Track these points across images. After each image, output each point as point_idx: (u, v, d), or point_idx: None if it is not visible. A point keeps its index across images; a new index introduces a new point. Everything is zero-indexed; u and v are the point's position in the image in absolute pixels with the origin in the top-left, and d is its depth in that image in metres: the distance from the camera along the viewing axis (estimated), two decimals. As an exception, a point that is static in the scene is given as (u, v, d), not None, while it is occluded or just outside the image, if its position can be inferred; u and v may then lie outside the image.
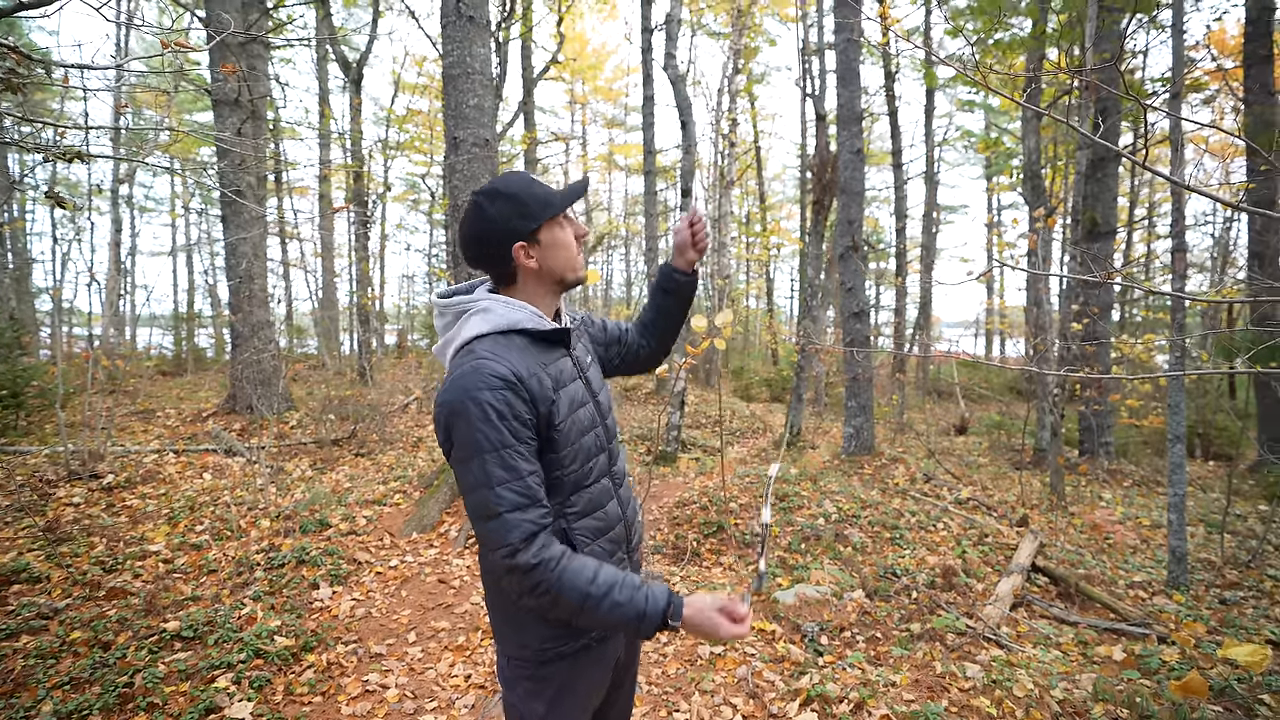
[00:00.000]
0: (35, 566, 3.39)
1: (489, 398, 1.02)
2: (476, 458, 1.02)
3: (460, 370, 1.06)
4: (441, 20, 4.74)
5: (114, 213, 12.00)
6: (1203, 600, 3.91)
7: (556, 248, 1.17)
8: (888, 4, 13.02)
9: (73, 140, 7.11)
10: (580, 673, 1.19)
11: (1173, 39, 4.41)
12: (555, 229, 1.17)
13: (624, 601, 1.03)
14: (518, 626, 1.16)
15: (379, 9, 12.23)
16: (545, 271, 1.18)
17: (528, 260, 1.15)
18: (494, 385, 1.03)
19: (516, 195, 1.14)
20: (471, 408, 1.02)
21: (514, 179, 1.16)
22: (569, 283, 1.22)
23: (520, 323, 1.13)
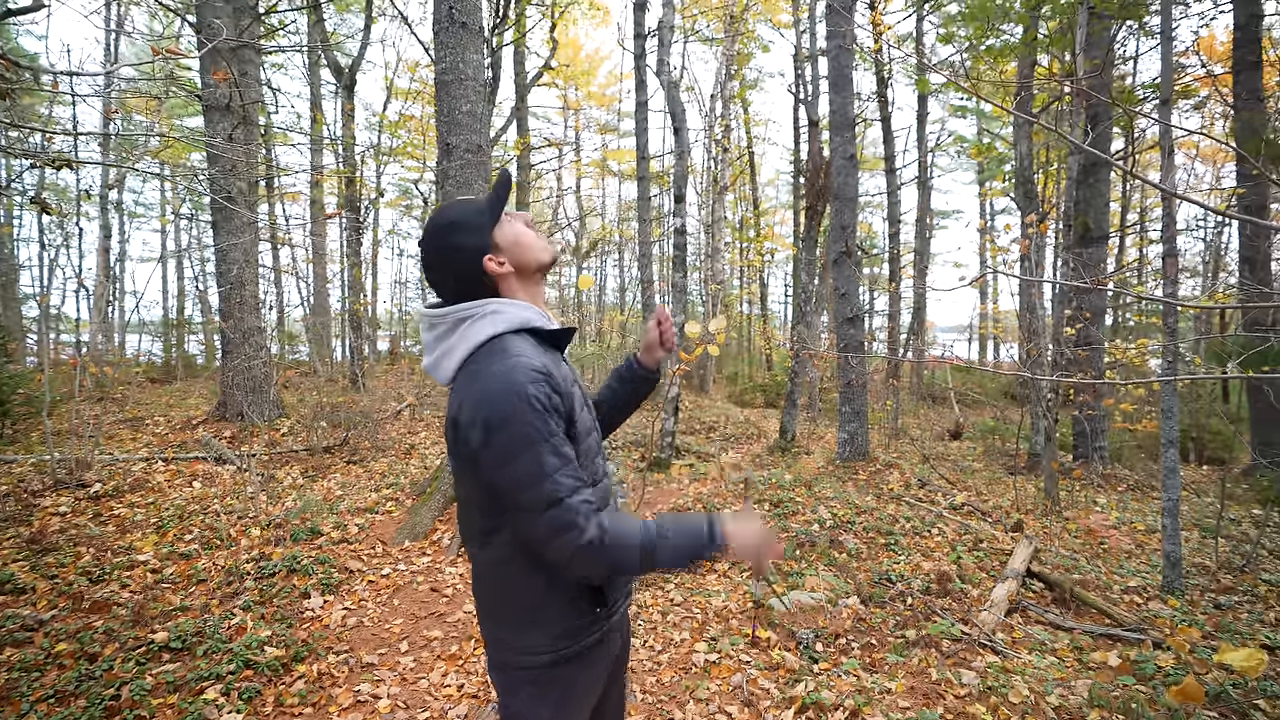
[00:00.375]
0: (20, 577, 3.33)
1: (534, 391, 1.03)
2: (529, 450, 1.01)
3: (496, 368, 1.05)
4: (434, 26, 4.73)
5: (103, 218, 11.91)
6: (1198, 605, 3.92)
7: (517, 242, 1.19)
8: (879, 11, 13.14)
9: (61, 145, 7.05)
10: (583, 671, 1.18)
11: (1162, 46, 4.45)
12: (504, 228, 1.18)
13: (679, 541, 1.07)
14: (521, 630, 1.14)
15: (371, 15, 12.23)
16: (520, 268, 1.20)
17: (500, 267, 1.17)
18: (535, 379, 1.04)
19: (460, 220, 1.16)
20: (519, 403, 1.02)
21: (445, 212, 1.18)
22: (545, 265, 1.23)
23: (531, 321, 1.15)
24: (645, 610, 3.40)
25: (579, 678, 1.18)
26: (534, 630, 1.14)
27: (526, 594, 1.14)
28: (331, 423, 7.16)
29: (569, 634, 1.14)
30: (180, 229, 19.55)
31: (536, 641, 1.14)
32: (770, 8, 16.46)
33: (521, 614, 1.14)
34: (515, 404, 1.01)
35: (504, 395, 1.02)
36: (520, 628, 1.15)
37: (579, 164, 22.32)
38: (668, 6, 8.66)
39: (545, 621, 1.14)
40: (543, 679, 1.15)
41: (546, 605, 1.14)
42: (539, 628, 1.14)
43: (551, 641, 1.14)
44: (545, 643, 1.14)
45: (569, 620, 1.14)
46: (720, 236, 13.26)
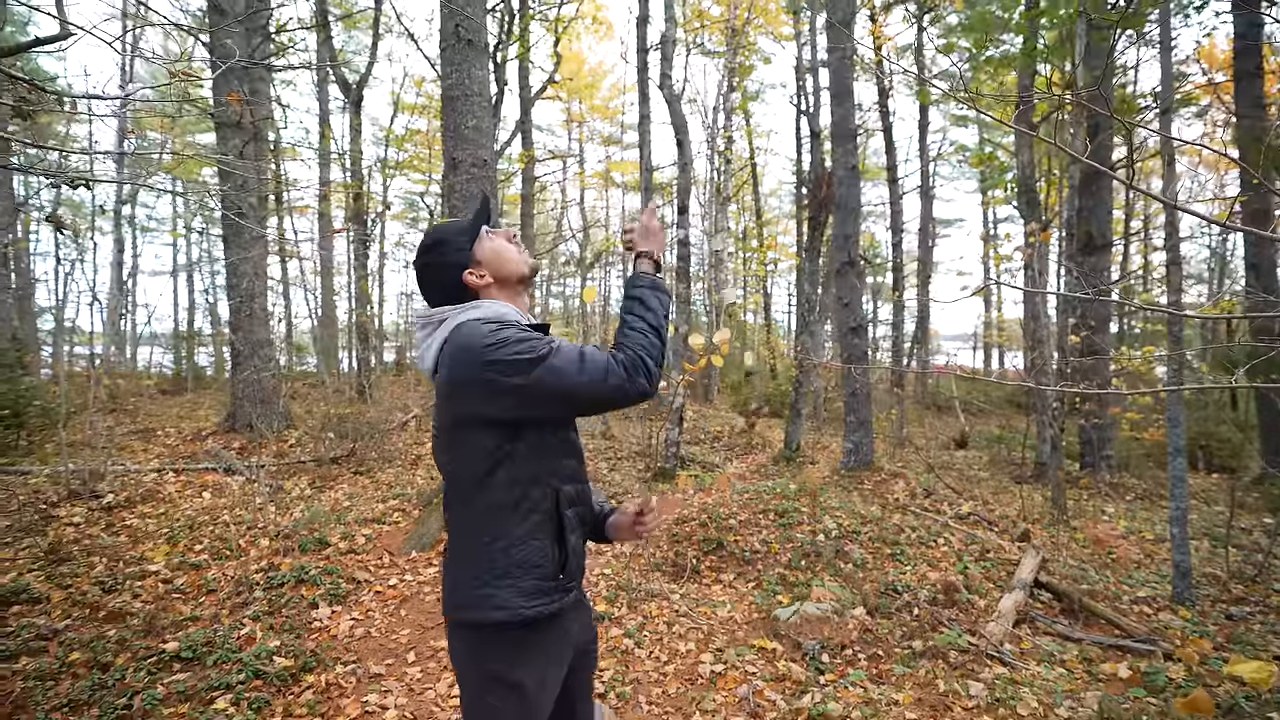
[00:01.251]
0: (35, 587, 3.37)
1: (505, 329, 1.18)
2: (532, 353, 1.14)
3: (476, 319, 1.21)
4: (440, 44, 4.82)
5: (116, 233, 12.10)
6: (1208, 616, 3.89)
7: (496, 257, 1.32)
8: (879, 24, 13.24)
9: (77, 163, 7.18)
10: (543, 641, 1.25)
11: (1161, 56, 4.49)
12: (484, 244, 1.32)
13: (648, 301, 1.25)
14: (498, 579, 1.21)
15: (379, 32, 12.42)
16: (499, 279, 1.33)
17: (480, 280, 1.30)
18: (507, 322, 1.21)
19: (443, 240, 1.31)
20: (499, 334, 1.16)
21: (436, 231, 1.34)
22: (524, 277, 1.36)
23: (508, 315, 1.26)
24: (651, 622, 3.41)
25: (541, 643, 1.25)
26: (508, 583, 1.21)
27: (507, 541, 1.21)
28: (339, 434, 7.21)
29: (540, 594, 1.22)
30: (191, 243, 19.79)
31: (512, 597, 1.20)
32: (771, 21, 16.62)
33: (499, 564, 1.21)
34: (498, 334, 1.16)
35: (495, 321, 1.19)
36: (496, 578, 1.21)
37: (582, 176, 22.48)
38: (670, 21, 8.77)
39: (518, 572, 1.21)
40: (505, 637, 1.22)
41: (522, 554, 1.21)
42: (505, 575, 1.21)
43: (523, 599, 1.20)
44: (517, 599, 1.20)
45: (538, 576, 1.22)
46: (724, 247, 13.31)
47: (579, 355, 1.14)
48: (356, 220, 12.51)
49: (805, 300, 9.02)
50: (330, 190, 13.86)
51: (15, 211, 10.83)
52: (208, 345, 17.84)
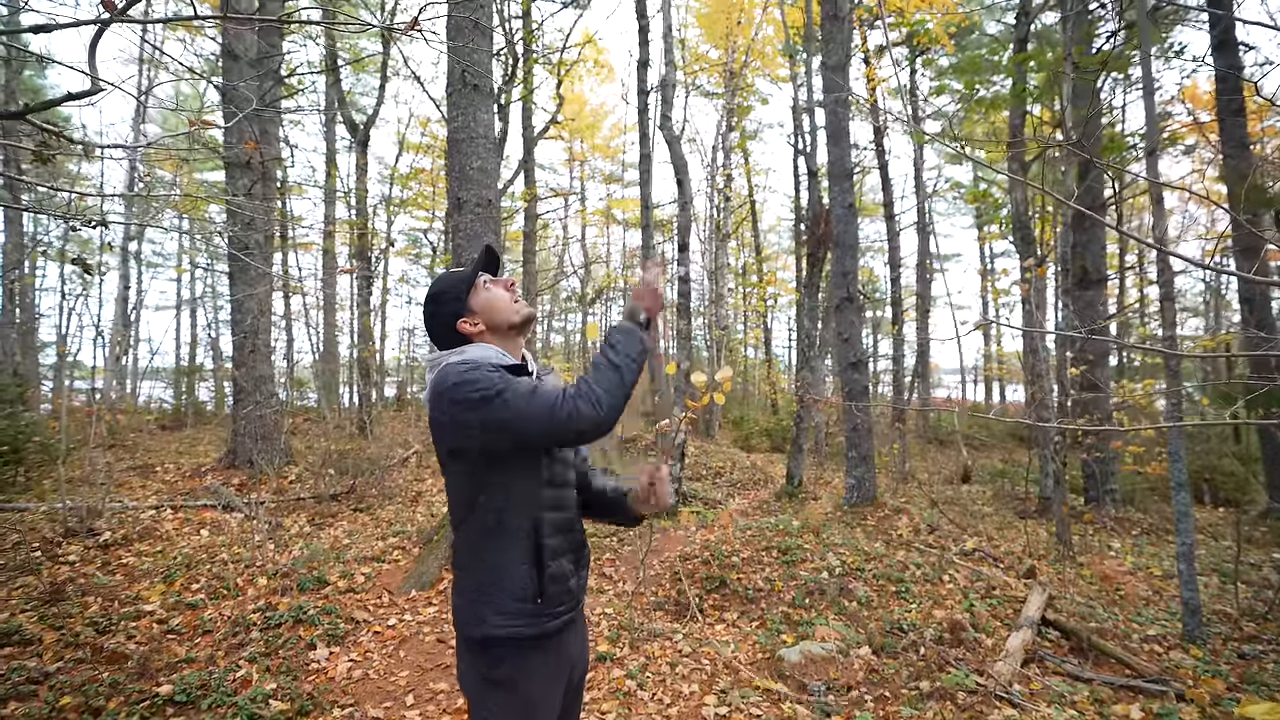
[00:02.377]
0: (28, 628, 3.32)
1: (475, 370, 1.27)
2: (493, 390, 1.23)
3: (455, 362, 1.31)
4: (448, 89, 4.98)
5: (123, 268, 12.23)
6: (1220, 654, 3.82)
7: (489, 307, 1.43)
8: (874, 66, 13.64)
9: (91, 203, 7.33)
10: (528, 663, 1.33)
11: (1144, 100, 4.63)
12: (480, 294, 1.44)
13: (622, 343, 1.31)
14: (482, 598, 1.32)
15: (386, 75, 12.80)
16: (492, 328, 1.44)
17: (473, 328, 1.42)
18: (478, 363, 1.30)
19: (442, 291, 1.44)
20: (468, 374, 1.25)
21: (437, 282, 1.46)
22: (516, 325, 1.45)
23: (487, 358, 1.35)
24: (654, 662, 3.35)
25: (536, 658, 1.33)
26: (491, 603, 1.31)
27: (486, 569, 1.33)
28: (339, 470, 7.18)
29: (516, 615, 1.31)
30: (195, 278, 19.99)
31: (489, 614, 1.31)
32: (768, 63, 17.14)
33: (480, 589, 1.33)
34: (466, 375, 1.26)
35: (456, 375, 1.27)
36: (480, 600, 1.32)
37: (584, 213, 22.85)
38: (669, 65, 9.05)
39: (495, 595, 1.31)
40: (493, 659, 1.32)
41: (496, 579, 1.32)
42: (494, 602, 1.31)
43: (501, 619, 1.30)
44: (497, 619, 1.31)
45: (516, 599, 1.31)
46: (723, 282, 13.45)
47: (530, 390, 1.24)
48: (360, 257, 12.68)
49: (805, 335, 9.08)
50: (335, 228, 14.08)
51: (31, 252, 10.99)
52: (209, 380, 17.85)
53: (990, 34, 12.93)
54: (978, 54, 10.65)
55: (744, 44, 15.26)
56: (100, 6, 1.21)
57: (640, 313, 1.37)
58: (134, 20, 1.30)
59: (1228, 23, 7.10)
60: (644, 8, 9.42)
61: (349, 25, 5.47)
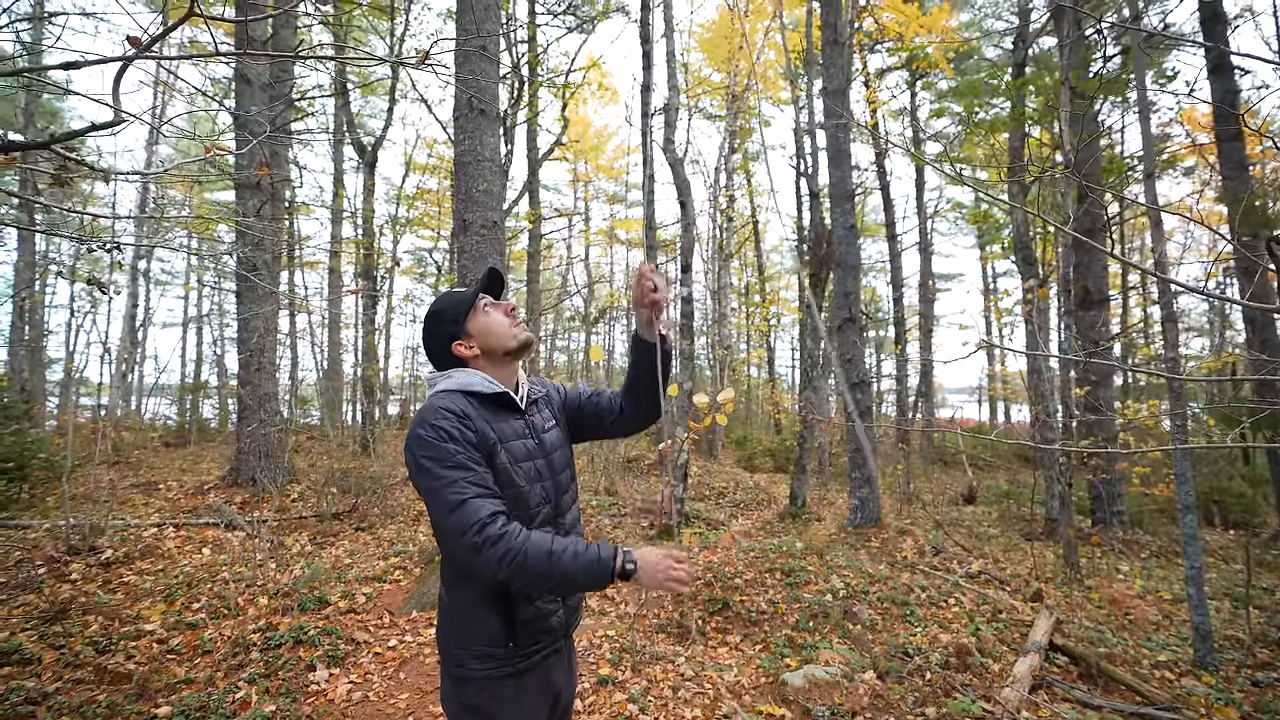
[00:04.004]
0: (28, 647, 3.31)
1: (445, 423, 1.28)
2: (436, 465, 1.23)
3: (420, 409, 1.34)
4: (454, 113, 5.07)
5: (131, 286, 12.37)
6: (1234, 682, 3.76)
7: (486, 329, 1.44)
8: (874, 89, 13.82)
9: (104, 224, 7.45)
10: (502, 706, 1.34)
11: (1141, 124, 4.68)
12: (478, 318, 1.44)
13: (582, 551, 1.22)
14: (454, 640, 1.34)
15: (395, 98, 13.03)
16: (486, 352, 1.44)
17: (468, 351, 1.43)
18: (449, 416, 1.29)
19: (441, 310, 1.45)
20: (427, 430, 1.26)
21: (438, 301, 1.47)
22: (511, 350, 1.45)
23: (471, 385, 1.39)
24: (656, 686, 3.31)
25: (505, 701, 1.34)
26: (460, 645, 1.34)
27: (454, 610, 1.36)
28: (342, 488, 7.17)
29: (484, 658, 1.32)
30: (202, 295, 20.17)
31: (461, 656, 1.33)
32: (770, 87, 17.39)
33: (451, 628, 1.36)
34: (426, 431, 1.26)
35: (419, 424, 1.29)
36: (451, 639, 1.35)
37: (588, 233, 23.04)
38: (673, 89, 9.20)
39: (466, 639, 1.33)
40: (468, 692, 1.34)
41: (467, 624, 1.34)
42: (462, 644, 1.34)
43: (475, 660, 1.32)
44: (467, 660, 1.33)
45: (486, 644, 1.32)
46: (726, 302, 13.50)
47: (459, 504, 1.20)
48: (366, 276, 12.79)
49: (808, 356, 9.09)
50: (341, 247, 14.23)
51: (35, 267, 11.12)
52: (213, 397, 17.91)
53: (988, 59, 13.13)
54: (977, 78, 10.81)
55: (746, 68, 15.51)
56: (127, 43, 1.25)
57: (629, 565, 1.23)
58: (158, 58, 1.35)
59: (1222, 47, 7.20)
60: (648, 33, 9.60)
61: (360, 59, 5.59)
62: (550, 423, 1.53)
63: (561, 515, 1.47)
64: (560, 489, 1.47)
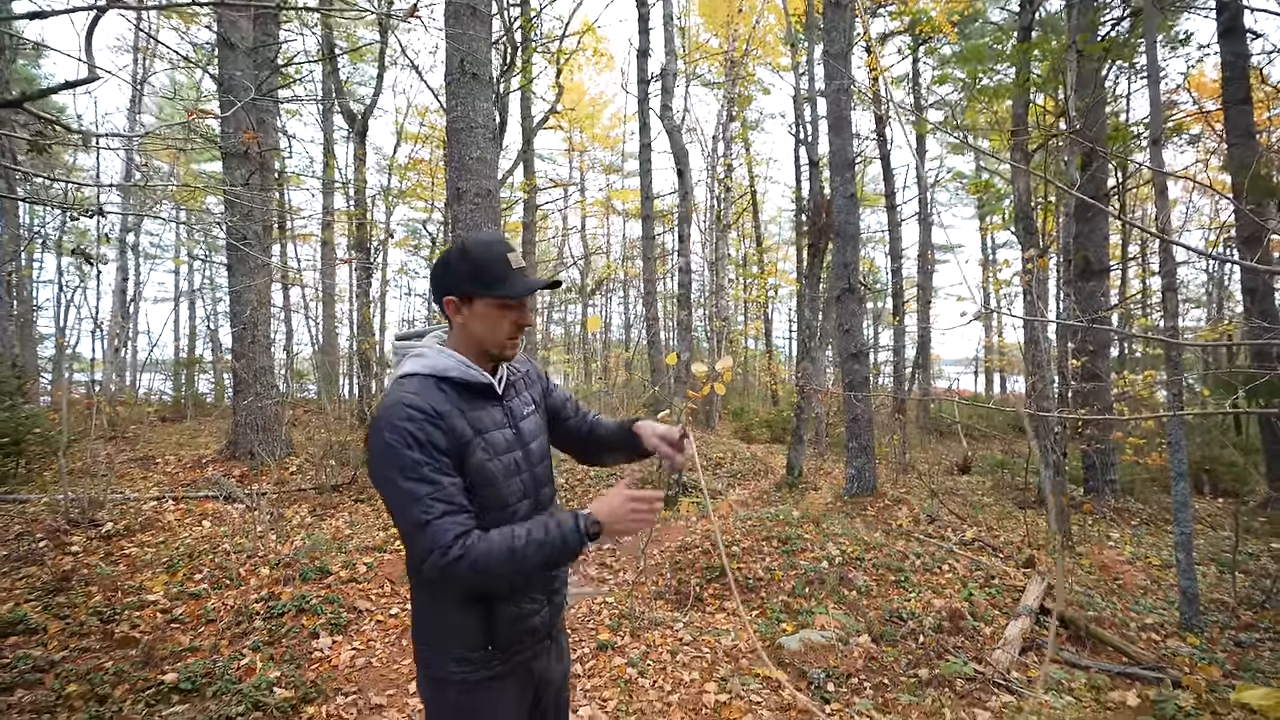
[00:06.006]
0: (32, 617, 3.34)
1: (409, 426, 1.14)
2: (400, 477, 1.13)
3: (385, 402, 1.19)
4: (446, 78, 4.94)
5: (120, 260, 12.21)
6: (1217, 642, 3.85)
7: (483, 320, 1.26)
8: (875, 55, 13.54)
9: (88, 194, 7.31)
10: (482, 707, 1.27)
11: (1149, 88, 4.60)
12: (492, 307, 1.25)
13: (544, 537, 1.15)
14: (428, 643, 1.27)
15: (384, 64, 12.71)
16: (469, 332, 1.28)
17: (456, 315, 1.27)
18: (415, 417, 1.15)
19: (477, 261, 1.23)
20: (389, 434, 1.14)
21: (493, 250, 1.25)
22: (490, 354, 1.30)
23: (447, 370, 1.24)
24: (654, 651, 3.37)
25: (482, 707, 1.26)
26: (437, 648, 1.26)
27: (429, 613, 1.27)
28: (340, 461, 7.19)
29: (461, 661, 1.24)
30: (194, 269, 19.96)
31: (438, 659, 1.26)
32: (769, 52, 17.02)
33: (427, 630, 1.28)
34: (386, 435, 1.14)
35: (381, 425, 1.16)
36: (427, 641, 1.28)
37: (584, 204, 22.77)
38: (670, 54, 8.99)
39: (443, 642, 1.25)
40: (446, 695, 1.26)
41: (443, 627, 1.25)
42: (439, 647, 1.26)
43: (452, 664, 1.24)
44: (445, 664, 1.25)
45: (463, 646, 1.24)
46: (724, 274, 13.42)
47: (424, 525, 1.11)
48: (359, 248, 12.64)
49: (806, 326, 9.07)
50: (334, 218, 14.03)
51: (20, 240, 10.95)
52: (208, 372, 17.86)
53: (994, 22, 12.83)
54: (981, 42, 10.56)
55: (745, 32, 15.14)
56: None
57: (593, 529, 1.18)
58: (130, 7, 1.29)
59: (1235, 9, 7.03)
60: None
61: (346, 12, 5.41)
62: (529, 408, 1.40)
63: (540, 509, 1.36)
64: (539, 481, 1.36)
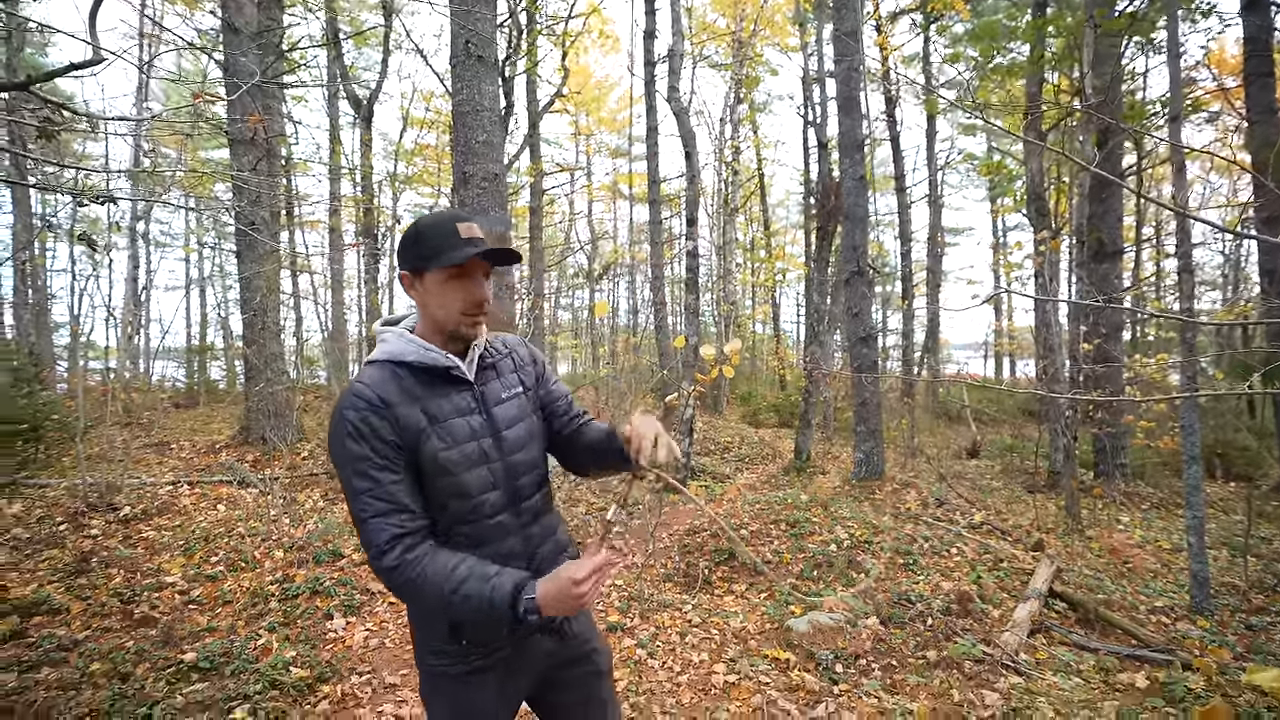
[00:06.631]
0: (55, 598, 3.42)
1: (351, 416, 1.12)
2: (343, 470, 1.12)
3: (343, 392, 1.17)
4: (451, 60, 4.90)
5: (132, 249, 12.30)
6: (1228, 625, 3.84)
7: (434, 295, 1.19)
8: (885, 34, 13.32)
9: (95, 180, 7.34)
10: (463, 697, 1.25)
11: (1169, 63, 4.49)
12: (439, 280, 1.17)
13: (473, 594, 1.07)
14: (415, 631, 1.28)
15: (389, 49, 12.63)
16: (427, 312, 1.22)
17: (411, 291, 1.22)
18: (358, 406, 1.12)
19: (425, 233, 1.18)
20: (337, 425, 1.12)
21: (443, 222, 1.18)
22: (449, 334, 1.21)
23: (403, 355, 1.20)
24: (664, 632, 3.41)
25: (459, 700, 1.24)
26: (419, 638, 1.26)
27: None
28: (351, 446, 7.25)
29: (439, 654, 1.23)
30: (204, 257, 20.08)
31: (421, 649, 1.26)
32: (778, 32, 16.74)
33: (411, 618, 1.29)
34: (335, 427, 1.13)
35: (334, 417, 1.14)
36: (414, 630, 1.28)
37: (590, 188, 22.64)
38: (676, 35, 8.87)
39: (422, 633, 1.25)
40: (430, 683, 1.27)
41: (420, 618, 1.26)
42: (420, 638, 1.26)
43: (431, 655, 1.24)
44: (425, 654, 1.25)
45: (438, 639, 1.22)
46: (732, 258, 13.35)
47: (361, 522, 1.10)
48: (367, 234, 12.66)
49: (814, 310, 9.02)
50: (341, 205, 14.04)
51: (32, 228, 11.04)
52: (220, 358, 18.03)
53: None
54: (995, 19, 10.34)
55: (753, 12, 14.91)
56: (101, -29, 1.19)
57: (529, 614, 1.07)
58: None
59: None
60: (651, -25, 9.20)
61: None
62: (511, 391, 1.30)
63: (520, 501, 1.27)
64: (514, 471, 1.26)
